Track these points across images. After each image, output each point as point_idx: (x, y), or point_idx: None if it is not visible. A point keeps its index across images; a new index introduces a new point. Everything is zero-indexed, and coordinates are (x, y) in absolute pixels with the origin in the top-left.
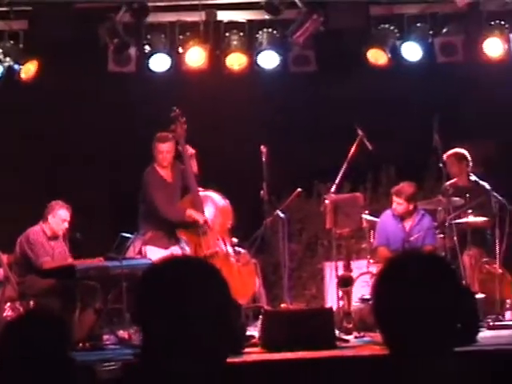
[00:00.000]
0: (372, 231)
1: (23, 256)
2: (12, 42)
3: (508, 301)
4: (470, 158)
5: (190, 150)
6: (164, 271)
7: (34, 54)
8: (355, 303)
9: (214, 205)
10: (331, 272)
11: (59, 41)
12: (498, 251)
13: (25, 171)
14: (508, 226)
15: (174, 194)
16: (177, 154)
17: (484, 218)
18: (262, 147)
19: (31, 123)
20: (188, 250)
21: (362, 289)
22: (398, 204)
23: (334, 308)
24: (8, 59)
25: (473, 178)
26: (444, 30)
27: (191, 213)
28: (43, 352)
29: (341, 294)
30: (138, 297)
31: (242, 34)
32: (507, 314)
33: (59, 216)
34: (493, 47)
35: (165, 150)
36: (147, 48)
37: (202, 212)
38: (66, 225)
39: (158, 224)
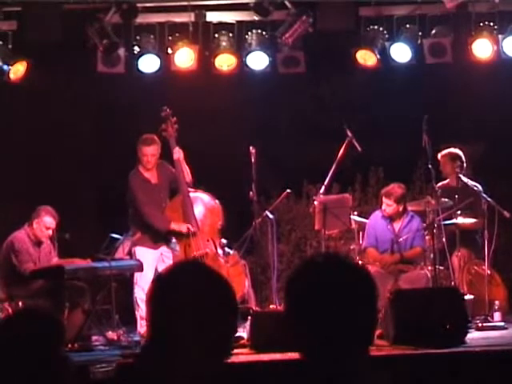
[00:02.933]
0: (361, 232)
1: (7, 261)
2: (1, 42)
3: (496, 302)
4: (463, 159)
5: (178, 154)
6: (175, 277)
7: (22, 54)
8: None
9: (203, 205)
10: None
11: (48, 41)
12: (486, 252)
13: (14, 172)
14: (497, 227)
15: (159, 196)
16: (168, 155)
17: (473, 220)
18: (251, 148)
19: (20, 123)
20: (178, 251)
21: None
22: (388, 205)
23: None
24: None
25: (463, 178)
26: (433, 32)
27: (174, 226)
28: (37, 350)
29: None
30: (149, 301)
31: (231, 34)
32: (496, 315)
33: (44, 223)
34: (482, 48)
35: (149, 153)
36: (136, 49)
37: (193, 214)
38: (50, 232)
39: (146, 225)
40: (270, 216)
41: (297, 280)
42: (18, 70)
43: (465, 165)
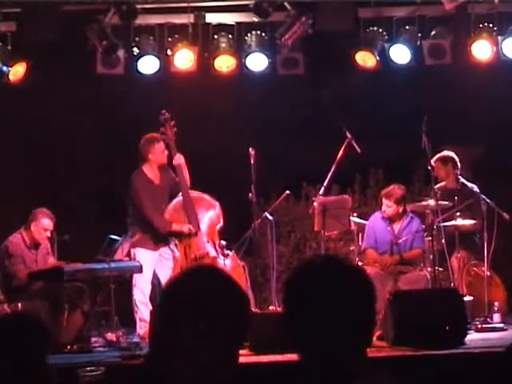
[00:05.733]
0: (360, 234)
1: (3, 265)
2: (0, 43)
3: (496, 303)
4: (457, 160)
5: (179, 160)
6: (186, 281)
7: (22, 55)
8: None
9: (203, 206)
10: None
11: (48, 43)
12: (486, 254)
13: (14, 173)
14: (496, 228)
15: (161, 197)
16: (168, 158)
17: (472, 221)
18: (250, 149)
19: (18, 125)
20: (177, 252)
21: None
22: (388, 206)
23: None
24: None
25: (461, 180)
26: (432, 33)
27: (175, 227)
28: (18, 355)
29: None
30: (160, 304)
31: (230, 36)
32: (495, 317)
33: (42, 225)
34: (481, 50)
35: (162, 149)
36: (136, 50)
37: (195, 215)
38: (48, 234)
39: (146, 226)
40: (270, 217)
41: (295, 281)
42: (17, 71)
43: (459, 165)
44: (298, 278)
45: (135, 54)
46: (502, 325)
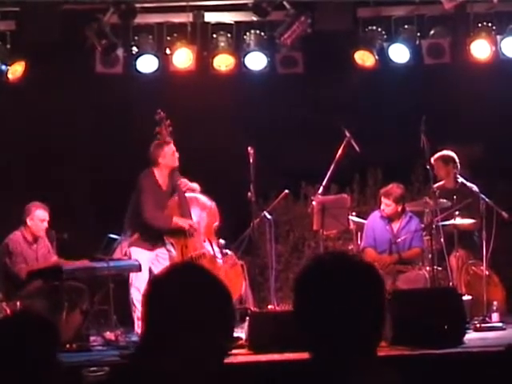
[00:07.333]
0: (359, 233)
1: (3, 263)
2: None
3: (495, 302)
4: (457, 160)
5: (187, 185)
6: (170, 278)
7: (21, 54)
8: None
9: (199, 206)
10: None
11: (46, 42)
12: (485, 253)
13: (13, 172)
14: (495, 227)
15: (164, 202)
16: None
17: (471, 220)
18: (249, 149)
19: (17, 124)
20: (174, 252)
21: None
22: (387, 205)
23: None
24: None
25: (460, 179)
26: (431, 32)
27: (177, 220)
28: (30, 354)
29: None
30: (145, 302)
31: (229, 35)
32: (494, 316)
33: (37, 217)
34: (480, 49)
35: (173, 150)
36: (135, 49)
37: (189, 215)
38: (46, 224)
39: (144, 227)
40: (268, 216)
41: (304, 280)
42: (16, 70)
43: (459, 165)
44: (307, 276)
45: (134, 53)
46: (500, 324)
